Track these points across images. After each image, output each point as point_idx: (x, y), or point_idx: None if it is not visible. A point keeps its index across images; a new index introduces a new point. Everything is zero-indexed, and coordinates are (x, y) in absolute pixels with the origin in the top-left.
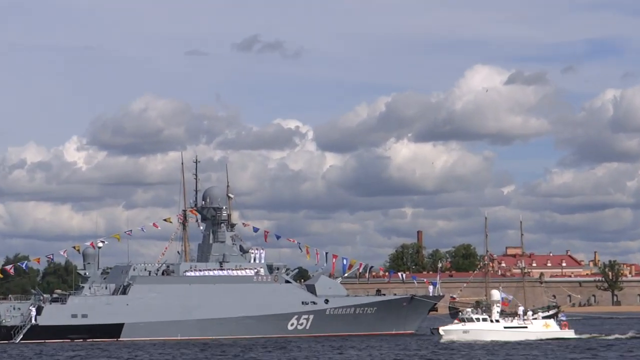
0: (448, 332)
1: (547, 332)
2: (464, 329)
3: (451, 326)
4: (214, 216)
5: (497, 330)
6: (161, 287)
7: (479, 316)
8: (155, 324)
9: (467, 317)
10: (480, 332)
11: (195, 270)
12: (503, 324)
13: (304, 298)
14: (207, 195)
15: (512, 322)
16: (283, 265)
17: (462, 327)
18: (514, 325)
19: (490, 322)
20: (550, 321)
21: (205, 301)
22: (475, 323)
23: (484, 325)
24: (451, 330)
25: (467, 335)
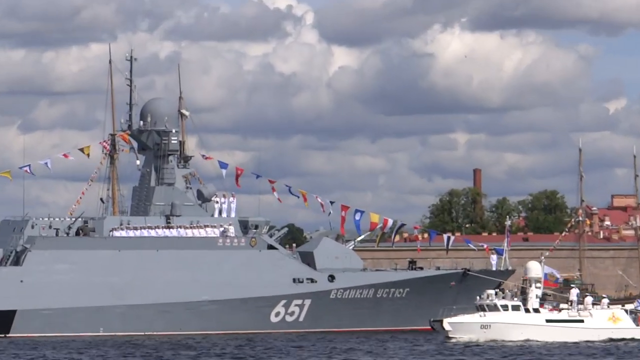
0: (457, 328)
1: (614, 328)
2: (482, 323)
3: (462, 318)
4: (158, 145)
5: (534, 326)
6: (74, 254)
7: (506, 303)
8: (64, 312)
9: (487, 305)
10: (507, 328)
11: (128, 229)
12: (545, 315)
13: (297, 273)
14: (148, 113)
15: (559, 313)
16: (264, 221)
17: (480, 319)
18: (562, 317)
19: (525, 313)
20: (620, 312)
21: (143, 277)
22: (500, 313)
23: (514, 317)
24: (462, 324)
25: (487, 332)
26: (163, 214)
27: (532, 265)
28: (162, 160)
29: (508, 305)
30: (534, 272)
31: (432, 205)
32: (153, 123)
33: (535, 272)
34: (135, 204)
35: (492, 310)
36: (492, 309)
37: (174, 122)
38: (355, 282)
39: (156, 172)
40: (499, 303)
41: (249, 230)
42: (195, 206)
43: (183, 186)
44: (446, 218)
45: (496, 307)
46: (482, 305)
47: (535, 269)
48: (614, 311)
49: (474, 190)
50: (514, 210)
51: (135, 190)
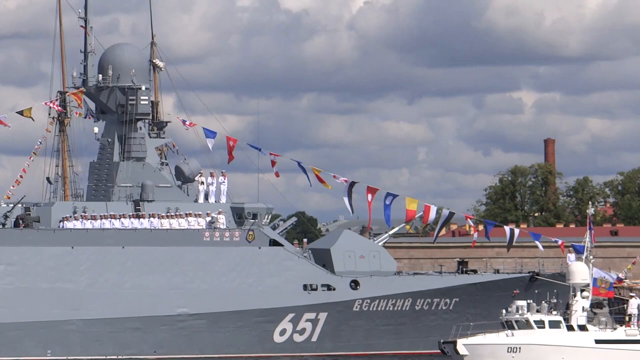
0: (476, 351)
1: None
2: (510, 345)
3: (483, 338)
4: (123, 106)
5: (579, 348)
6: (12, 252)
7: (542, 317)
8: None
9: (516, 320)
10: (543, 351)
11: (85, 218)
12: (594, 334)
13: (309, 277)
14: (109, 64)
15: (613, 332)
16: (265, 208)
17: (506, 340)
18: (617, 337)
19: (568, 331)
20: None
21: (104, 283)
22: (534, 332)
23: (552, 337)
24: (482, 346)
25: (516, 357)
26: (130, 198)
27: (576, 267)
28: (129, 127)
29: (544, 321)
30: (578, 276)
31: (490, 187)
32: (116, 77)
33: (581, 276)
34: (93, 185)
35: (522, 327)
36: (523, 326)
37: (143, 76)
38: (386, 289)
39: (121, 143)
40: (532, 318)
41: (245, 221)
42: (174, 188)
43: (157, 162)
44: (508, 205)
45: (528, 323)
46: (509, 322)
47: (580, 272)
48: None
49: (545, 167)
50: (598, 195)
51: (93, 166)
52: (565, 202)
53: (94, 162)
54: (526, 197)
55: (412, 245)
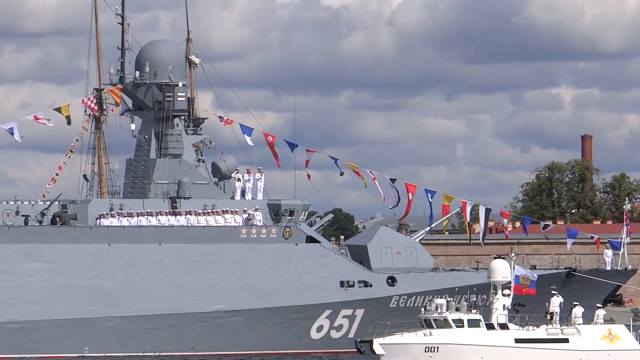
0: (393, 351)
1: (610, 350)
2: (427, 344)
3: (399, 337)
4: (160, 103)
5: (499, 347)
6: (50, 249)
7: (460, 316)
8: (37, 326)
9: (435, 319)
10: (461, 350)
11: (121, 216)
12: (514, 333)
13: (346, 274)
14: (146, 60)
15: (534, 330)
16: (302, 205)
17: (424, 339)
18: (539, 336)
19: (487, 330)
20: (620, 329)
21: (140, 280)
22: (453, 331)
23: (470, 336)
24: (399, 346)
25: (433, 357)
26: (167, 195)
27: (497, 265)
28: (166, 123)
29: (463, 320)
30: (500, 273)
31: (527, 184)
32: (153, 74)
33: (502, 273)
34: (130, 182)
35: (441, 326)
36: (442, 325)
37: (180, 73)
38: (423, 285)
39: (157, 140)
40: (451, 317)
41: (282, 218)
42: (210, 185)
43: (193, 158)
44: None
45: (447, 322)
46: (427, 320)
47: (501, 269)
48: (611, 327)
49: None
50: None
51: (130, 164)
52: (602, 198)
53: (130, 159)
54: (563, 193)
55: (449, 242)
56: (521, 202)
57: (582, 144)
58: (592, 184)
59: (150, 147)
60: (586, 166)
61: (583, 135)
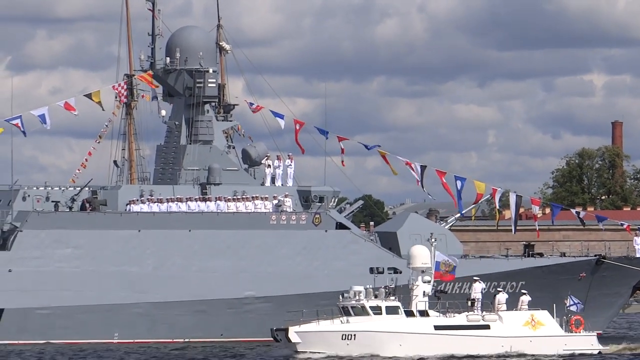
0: (309, 339)
1: (533, 337)
2: (344, 332)
3: (316, 325)
4: (190, 89)
5: (419, 335)
6: (80, 235)
7: (378, 303)
8: (67, 312)
9: (352, 306)
10: (379, 338)
11: (151, 202)
12: (434, 320)
13: (375, 260)
14: (177, 46)
15: (455, 317)
16: (332, 191)
17: (341, 327)
18: (459, 322)
19: (407, 317)
20: (542, 315)
21: (170, 266)
22: (370, 319)
23: (389, 324)
24: (315, 334)
25: (351, 345)
26: (197, 182)
27: (417, 251)
28: (196, 110)
29: (381, 307)
30: (419, 259)
31: (557, 170)
32: (183, 60)
33: (422, 259)
34: (160, 168)
35: (359, 313)
36: (359, 313)
37: (211, 59)
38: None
39: (188, 126)
40: (369, 304)
41: (312, 204)
42: (240, 171)
43: (224, 145)
44: (575, 188)
45: (364, 309)
46: (345, 308)
47: (421, 255)
48: (534, 313)
49: (612, 150)
50: None
51: (160, 150)
52: (632, 185)
53: (160, 145)
54: (593, 180)
55: (478, 229)
56: (551, 189)
57: (612, 131)
58: (623, 171)
59: (181, 134)
60: (616, 152)
61: (614, 122)
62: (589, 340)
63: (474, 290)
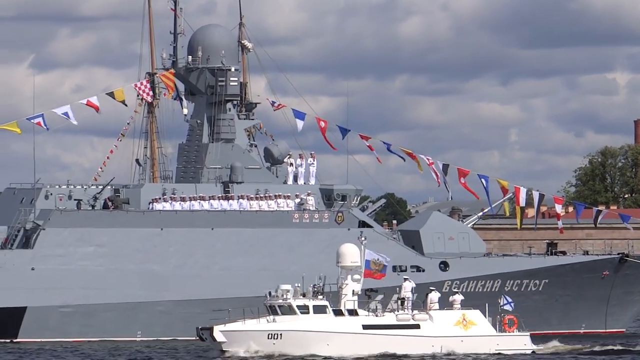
0: (234, 338)
1: (464, 336)
2: (270, 331)
3: (241, 325)
4: (212, 88)
5: (346, 334)
6: (102, 233)
7: (306, 302)
8: (89, 310)
9: (279, 305)
10: (306, 337)
11: (174, 200)
12: (363, 319)
13: (398, 259)
14: (199, 45)
15: (383, 317)
16: (354, 190)
17: (267, 326)
18: (388, 322)
19: (335, 316)
20: (474, 315)
21: (193, 264)
22: (297, 318)
23: (315, 323)
24: (241, 333)
25: (277, 344)
26: (219, 180)
27: (346, 249)
28: (218, 108)
29: (308, 306)
30: (348, 258)
31: (579, 169)
32: (205, 59)
33: (351, 258)
34: (182, 167)
35: (286, 312)
36: (286, 312)
37: (233, 57)
38: (475, 271)
39: (210, 125)
40: (296, 303)
41: (334, 202)
42: (263, 170)
43: (246, 143)
44: (598, 186)
45: (291, 308)
46: (272, 307)
47: (350, 254)
48: (465, 313)
49: (635, 148)
50: None
51: (182, 148)
52: None
53: (183, 143)
54: (616, 178)
55: (501, 227)
56: (574, 187)
57: (635, 129)
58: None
59: (203, 132)
60: (639, 151)
61: (636, 120)
62: (522, 340)
63: (404, 289)
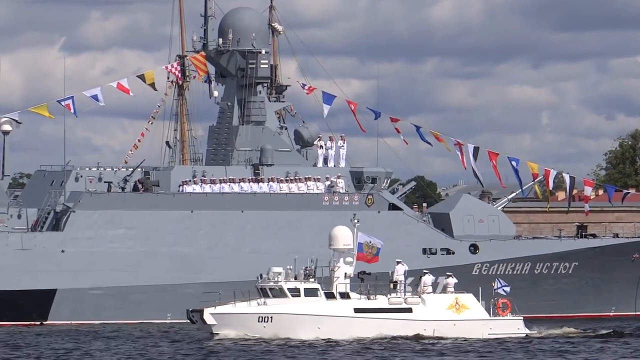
0: (225, 321)
1: (457, 320)
2: (261, 314)
3: (231, 307)
4: (243, 70)
5: (338, 318)
6: (132, 216)
7: (297, 285)
8: (119, 292)
9: (270, 288)
10: (296, 320)
11: (204, 182)
12: (355, 302)
13: (428, 241)
14: (230, 27)
15: (375, 300)
16: (385, 172)
17: (257, 309)
18: (380, 306)
19: (327, 299)
20: (467, 298)
21: (223, 246)
22: (288, 300)
23: (306, 306)
24: (231, 316)
25: (267, 327)
26: (249, 162)
27: (338, 232)
28: (249, 91)
29: (299, 289)
30: (341, 241)
31: (609, 152)
32: (236, 41)
33: (344, 240)
34: (212, 149)
35: (277, 295)
36: (277, 294)
37: (264, 40)
38: (505, 253)
39: (240, 107)
40: (287, 286)
41: (365, 185)
42: (293, 152)
43: (276, 126)
44: (628, 169)
45: (282, 291)
46: (263, 289)
47: (342, 236)
48: (458, 297)
49: None
50: None
51: (213, 131)
52: None
53: (213, 126)
54: None
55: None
56: (604, 170)
57: None
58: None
59: (233, 114)
60: None
61: None
62: (515, 324)
63: (397, 273)
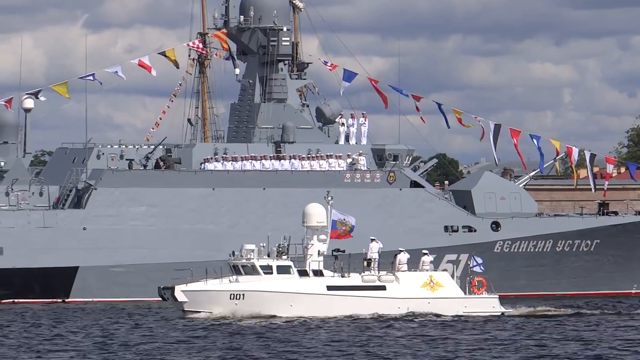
0: (196, 299)
1: (431, 298)
2: (232, 292)
3: (202, 284)
4: (264, 48)
5: (310, 295)
6: (154, 193)
7: (269, 262)
8: (141, 270)
9: (242, 265)
10: (268, 298)
11: (225, 160)
12: (327, 280)
13: (450, 219)
14: (251, 5)
15: (348, 278)
16: (406, 150)
17: (229, 286)
18: (353, 283)
19: (300, 277)
20: (442, 276)
21: (245, 224)
22: (260, 277)
23: (278, 284)
24: (202, 293)
25: (239, 305)
26: (271, 140)
27: (312, 209)
28: (270, 68)
29: (272, 267)
30: (314, 218)
31: (631, 129)
32: (257, 19)
33: (317, 218)
34: (234, 126)
35: (249, 273)
36: (250, 272)
37: (285, 17)
38: (527, 231)
39: (262, 85)
40: (259, 263)
41: (386, 162)
42: (314, 130)
43: (298, 103)
44: None
45: (254, 268)
46: (236, 266)
47: (316, 213)
48: (433, 274)
49: None
50: None
51: (234, 108)
52: None
53: (234, 103)
54: None
55: (553, 187)
56: (626, 148)
57: None
58: None
59: (255, 92)
60: None
61: None
62: (490, 302)
63: (371, 250)
